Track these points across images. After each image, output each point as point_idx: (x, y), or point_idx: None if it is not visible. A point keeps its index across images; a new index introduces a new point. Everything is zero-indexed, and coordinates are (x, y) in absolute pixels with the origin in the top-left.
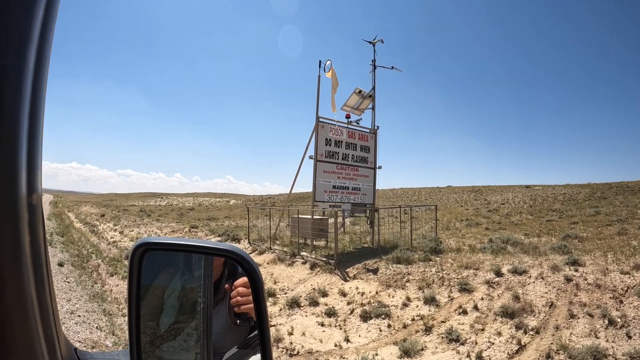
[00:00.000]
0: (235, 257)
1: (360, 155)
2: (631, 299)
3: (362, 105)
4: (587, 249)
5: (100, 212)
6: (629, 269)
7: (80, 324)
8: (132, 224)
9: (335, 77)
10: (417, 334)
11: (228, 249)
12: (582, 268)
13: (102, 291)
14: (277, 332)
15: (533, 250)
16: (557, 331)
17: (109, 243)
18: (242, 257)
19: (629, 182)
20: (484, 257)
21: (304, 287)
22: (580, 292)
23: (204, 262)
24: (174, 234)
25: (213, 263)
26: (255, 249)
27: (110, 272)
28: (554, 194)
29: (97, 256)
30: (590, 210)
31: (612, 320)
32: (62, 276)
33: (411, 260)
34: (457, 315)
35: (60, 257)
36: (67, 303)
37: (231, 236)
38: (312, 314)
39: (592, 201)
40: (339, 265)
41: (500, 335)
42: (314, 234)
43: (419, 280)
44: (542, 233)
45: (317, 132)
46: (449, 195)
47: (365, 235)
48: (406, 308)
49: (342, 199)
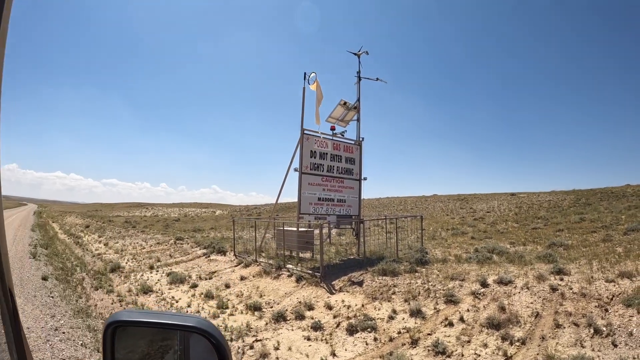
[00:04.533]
0: (204, 333)
1: (346, 167)
2: (616, 307)
3: (347, 117)
4: (572, 257)
5: (85, 222)
6: (614, 277)
7: (65, 341)
8: (117, 236)
9: (320, 90)
10: (404, 347)
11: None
12: (567, 277)
13: (87, 306)
14: (264, 347)
15: (519, 259)
16: (543, 341)
17: (93, 255)
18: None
19: (613, 187)
20: (470, 268)
21: (290, 301)
22: (566, 301)
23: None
24: (159, 245)
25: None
26: (241, 262)
27: (95, 286)
28: (539, 201)
29: (82, 269)
30: (575, 217)
31: (597, 329)
32: (46, 291)
33: (397, 272)
34: (443, 327)
35: (44, 271)
36: (51, 319)
37: (217, 248)
38: (299, 327)
39: (577, 208)
40: (325, 277)
41: (487, 347)
42: (299, 246)
43: (404, 292)
44: (528, 241)
45: (302, 144)
46: (434, 204)
47: (351, 247)
48: (392, 321)
49: (328, 210)
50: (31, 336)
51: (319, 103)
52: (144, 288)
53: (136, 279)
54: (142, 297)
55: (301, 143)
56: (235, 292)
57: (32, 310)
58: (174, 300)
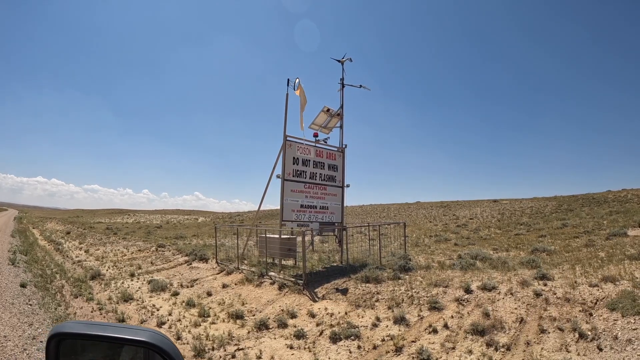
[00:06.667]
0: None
1: (328, 174)
2: (600, 311)
3: (330, 124)
4: (555, 263)
5: (66, 229)
6: (597, 281)
7: (43, 350)
8: (98, 243)
9: (304, 95)
10: (388, 355)
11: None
12: (551, 282)
13: (66, 314)
14: (246, 356)
15: (502, 265)
16: (528, 347)
17: (73, 262)
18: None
19: (595, 193)
20: (454, 274)
21: (272, 309)
22: (550, 306)
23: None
24: (141, 253)
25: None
26: (223, 269)
27: (75, 294)
28: (522, 208)
29: (62, 276)
30: (557, 223)
31: (582, 334)
32: (24, 298)
33: (380, 279)
34: (428, 334)
35: (23, 278)
36: (29, 327)
37: (198, 255)
38: (281, 336)
39: (559, 213)
40: (307, 285)
41: (472, 354)
42: (282, 254)
43: (388, 299)
44: (511, 247)
45: (284, 150)
46: (417, 211)
47: (334, 254)
48: (376, 328)
49: (310, 218)
50: (8, 345)
51: (303, 108)
52: (125, 296)
53: (117, 287)
54: (123, 305)
55: (284, 150)
56: (217, 300)
57: (9, 319)
58: (154, 308)
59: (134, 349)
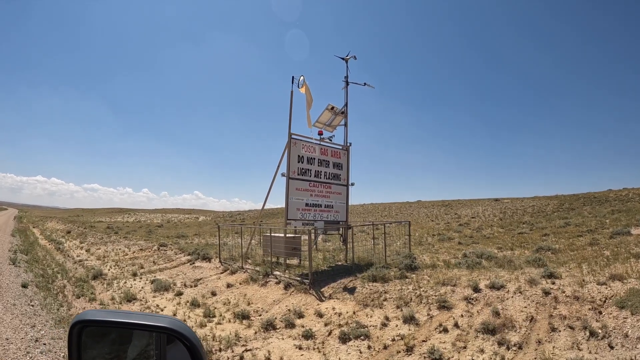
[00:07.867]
0: (176, 334)
1: (333, 172)
2: (610, 309)
3: (334, 122)
4: (561, 261)
5: (66, 228)
6: (605, 279)
7: (46, 353)
8: (99, 242)
9: (310, 93)
10: (399, 355)
11: (167, 326)
12: (558, 280)
13: (69, 315)
14: (254, 357)
15: (508, 264)
16: (540, 345)
17: (75, 262)
18: (182, 334)
19: (595, 192)
20: (460, 273)
21: (278, 308)
22: (559, 304)
23: (156, 339)
24: (143, 252)
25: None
26: (226, 269)
27: (77, 294)
28: (523, 207)
29: (63, 276)
30: (560, 222)
31: (593, 332)
32: (26, 299)
33: (387, 278)
34: (438, 333)
35: (24, 278)
36: (31, 329)
37: (201, 255)
38: (289, 336)
39: (561, 212)
40: (313, 284)
41: (483, 353)
42: (287, 253)
43: (396, 298)
44: (515, 246)
45: (289, 149)
46: (419, 210)
47: (339, 253)
48: (385, 328)
49: (315, 216)
50: (10, 348)
51: (310, 106)
52: (128, 296)
53: (119, 287)
54: (126, 305)
55: (288, 148)
56: (222, 300)
57: (11, 320)
58: (158, 308)
59: (147, 335)
